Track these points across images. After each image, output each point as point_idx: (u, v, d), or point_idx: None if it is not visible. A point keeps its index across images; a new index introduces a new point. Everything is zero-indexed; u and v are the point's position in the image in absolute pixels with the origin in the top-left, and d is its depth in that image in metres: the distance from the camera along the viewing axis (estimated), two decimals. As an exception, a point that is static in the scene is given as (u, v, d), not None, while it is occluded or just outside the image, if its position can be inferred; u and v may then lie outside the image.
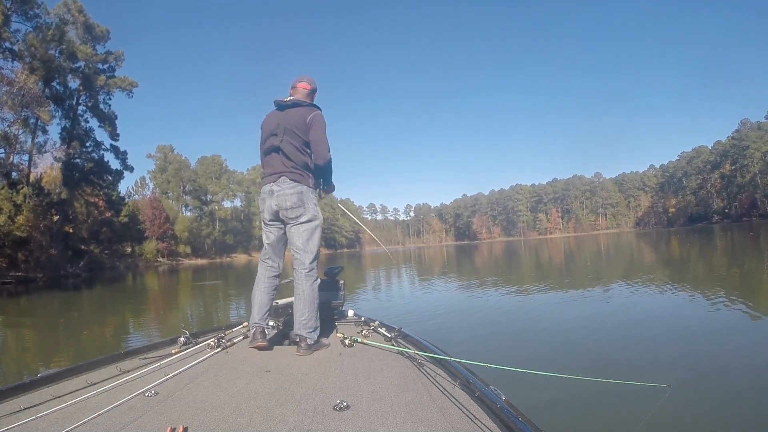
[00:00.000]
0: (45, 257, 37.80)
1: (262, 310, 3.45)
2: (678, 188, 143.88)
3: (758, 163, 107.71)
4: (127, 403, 2.13)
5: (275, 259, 3.59)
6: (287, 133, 3.43)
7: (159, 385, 2.42)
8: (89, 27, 46.52)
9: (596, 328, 7.18)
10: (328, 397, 2.18)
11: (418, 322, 8.30)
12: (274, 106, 3.59)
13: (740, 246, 25.81)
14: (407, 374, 2.53)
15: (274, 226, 3.54)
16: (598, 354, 5.67)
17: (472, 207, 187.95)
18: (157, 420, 1.92)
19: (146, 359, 2.99)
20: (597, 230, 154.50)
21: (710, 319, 7.22)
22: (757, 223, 73.07)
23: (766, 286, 10.71)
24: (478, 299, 11.21)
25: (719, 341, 5.90)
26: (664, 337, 6.20)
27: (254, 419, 1.92)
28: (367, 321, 4.01)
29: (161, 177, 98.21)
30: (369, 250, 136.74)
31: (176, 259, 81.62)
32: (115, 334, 9.95)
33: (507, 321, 8.32)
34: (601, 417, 3.72)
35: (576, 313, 8.57)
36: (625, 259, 23.99)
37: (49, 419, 1.95)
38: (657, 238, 51.94)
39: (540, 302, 10.31)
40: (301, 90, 3.62)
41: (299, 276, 3.42)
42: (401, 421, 1.85)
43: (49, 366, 6.68)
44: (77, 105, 47.08)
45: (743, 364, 4.87)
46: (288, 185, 3.40)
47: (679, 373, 4.66)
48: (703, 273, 14.48)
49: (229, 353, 3.22)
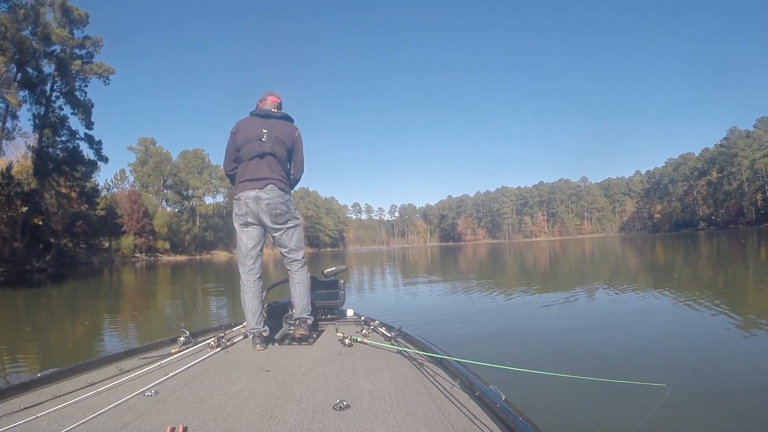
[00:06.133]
0: (8, 250, 35.95)
1: (255, 315, 3.47)
2: (664, 194, 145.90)
3: (746, 171, 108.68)
4: (127, 402, 2.12)
5: (257, 260, 3.64)
6: (277, 142, 3.57)
7: (159, 384, 2.41)
8: (67, 10, 44.66)
9: (596, 328, 7.28)
10: (328, 396, 2.17)
11: (417, 323, 8.18)
12: (258, 114, 3.68)
13: (730, 252, 26.06)
14: (407, 374, 2.53)
15: (255, 229, 3.60)
16: (598, 354, 5.72)
17: (458, 208, 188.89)
18: (157, 420, 1.92)
19: (146, 359, 2.97)
20: (582, 234, 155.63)
21: (710, 319, 7.35)
22: (744, 231, 74.11)
23: (761, 289, 10.92)
24: (474, 299, 11.25)
25: (719, 341, 5.92)
26: (664, 338, 6.30)
27: (254, 419, 1.92)
28: (366, 321, 4.02)
29: (142, 170, 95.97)
30: (353, 249, 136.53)
31: (154, 255, 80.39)
32: (52, 346, 8.11)
33: (506, 321, 8.29)
34: (601, 417, 3.70)
35: (575, 314, 8.70)
36: (617, 263, 24.61)
37: (49, 419, 1.94)
38: (642, 243, 52.60)
39: (537, 303, 10.34)
40: (271, 102, 3.75)
41: (295, 269, 3.67)
42: (401, 420, 1.86)
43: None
44: (51, 91, 45.12)
45: (743, 364, 4.95)
46: (277, 194, 3.52)
47: (679, 373, 4.73)
48: (698, 276, 14.72)
49: (229, 353, 3.23)
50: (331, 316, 4.26)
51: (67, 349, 7.88)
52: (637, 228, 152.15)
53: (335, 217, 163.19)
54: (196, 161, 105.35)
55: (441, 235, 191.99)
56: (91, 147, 48.37)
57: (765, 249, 26.02)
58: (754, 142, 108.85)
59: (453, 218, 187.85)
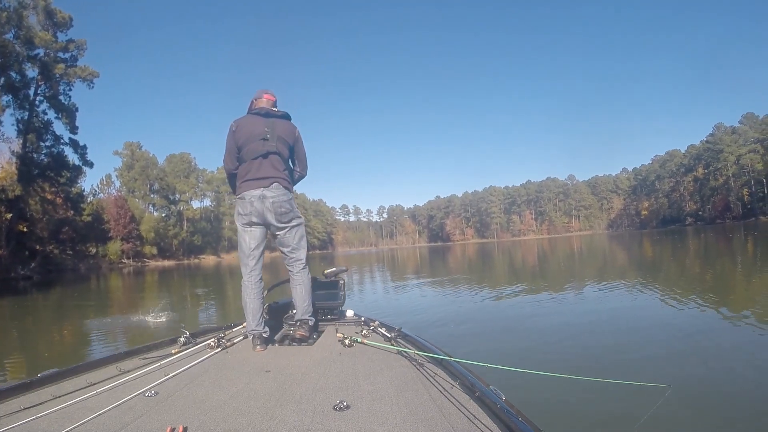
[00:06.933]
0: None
1: (256, 316, 3.46)
2: (650, 191, 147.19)
3: (732, 166, 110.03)
4: (127, 403, 2.12)
5: (259, 262, 3.61)
6: (280, 141, 3.54)
7: (159, 385, 2.41)
8: (50, 12, 44.14)
9: (595, 328, 7.22)
10: (328, 397, 2.17)
11: (416, 323, 8.15)
12: (259, 113, 3.61)
13: (719, 247, 26.05)
14: (407, 374, 2.53)
15: (258, 229, 3.58)
16: (598, 354, 5.69)
17: (446, 208, 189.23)
18: (157, 420, 1.92)
19: (146, 359, 2.96)
20: (570, 232, 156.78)
21: (708, 317, 7.36)
22: (731, 226, 75.17)
23: (755, 284, 10.93)
24: (468, 299, 11.19)
25: (718, 340, 5.93)
26: (664, 337, 6.23)
27: (254, 419, 1.92)
28: (366, 321, 4.01)
29: (128, 175, 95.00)
30: (342, 251, 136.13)
31: (142, 260, 79.86)
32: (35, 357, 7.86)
33: (503, 321, 8.24)
34: (601, 417, 3.70)
35: (571, 312, 8.66)
36: (607, 260, 24.48)
37: (49, 419, 1.94)
38: (630, 239, 52.84)
39: (532, 301, 10.32)
40: (267, 101, 3.69)
41: (297, 270, 3.64)
42: (401, 421, 1.86)
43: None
44: (35, 95, 44.46)
45: (743, 364, 4.90)
46: (281, 192, 3.51)
47: (679, 373, 4.71)
48: (691, 273, 14.66)
49: (229, 353, 3.21)
50: (331, 316, 4.26)
51: (46, 358, 7.63)
52: (625, 225, 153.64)
53: (323, 219, 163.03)
54: (183, 165, 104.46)
55: (429, 235, 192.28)
56: (76, 152, 47.90)
57: (753, 244, 26.21)
58: (740, 137, 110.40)
59: (441, 218, 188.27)
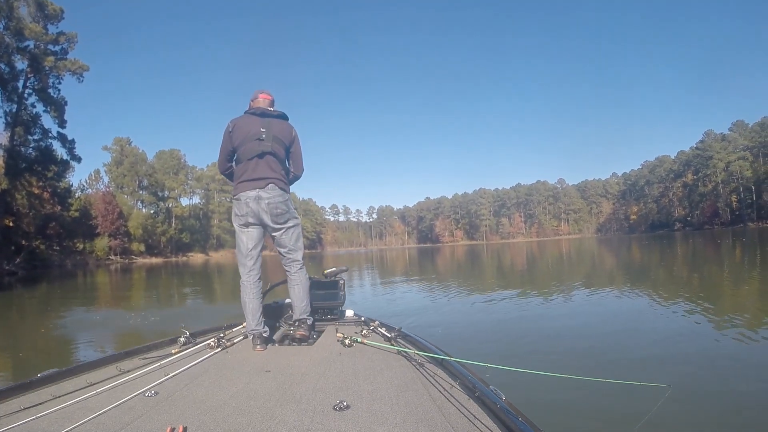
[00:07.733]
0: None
1: (255, 316, 3.46)
2: (640, 196, 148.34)
3: (721, 173, 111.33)
4: (127, 403, 2.13)
5: (257, 261, 3.62)
6: (276, 141, 3.54)
7: (159, 385, 2.41)
8: (41, 4, 43.61)
9: (595, 329, 7.23)
10: (328, 397, 2.18)
11: (416, 322, 8.13)
12: (255, 113, 3.60)
13: (707, 253, 26.33)
14: (407, 374, 2.54)
15: (255, 229, 3.58)
16: (598, 354, 5.70)
17: (435, 210, 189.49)
18: (157, 420, 1.92)
19: (146, 359, 2.96)
20: (559, 235, 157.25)
21: (706, 318, 7.39)
22: (719, 231, 75.78)
23: (748, 288, 10.96)
24: (461, 300, 11.20)
25: (718, 342, 5.93)
26: (664, 338, 6.25)
27: (254, 419, 1.92)
28: (366, 321, 4.02)
29: (117, 170, 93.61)
30: (331, 251, 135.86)
31: (129, 257, 78.95)
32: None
33: (504, 322, 8.19)
34: (601, 417, 3.69)
35: (574, 314, 8.64)
36: (596, 263, 24.75)
37: (49, 419, 1.94)
38: (619, 243, 53.17)
39: (528, 303, 10.29)
40: (264, 101, 3.69)
41: (294, 270, 3.66)
42: (401, 421, 1.86)
43: None
44: (24, 88, 43.90)
45: (743, 364, 4.92)
46: (277, 193, 3.51)
47: (679, 373, 4.72)
48: (685, 277, 14.76)
49: (229, 353, 3.20)
50: (331, 316, 4.26)
51: (24, 360, 7.29)
52: (614, 229, 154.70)
53: (313, 219, 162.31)
54: (172, 162, 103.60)
55: (419, 236, 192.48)
56: (64, 146, 47.51)
57: (741, 249, 26.41)
58: (729, 144, 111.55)
59: (431, 220, 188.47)
